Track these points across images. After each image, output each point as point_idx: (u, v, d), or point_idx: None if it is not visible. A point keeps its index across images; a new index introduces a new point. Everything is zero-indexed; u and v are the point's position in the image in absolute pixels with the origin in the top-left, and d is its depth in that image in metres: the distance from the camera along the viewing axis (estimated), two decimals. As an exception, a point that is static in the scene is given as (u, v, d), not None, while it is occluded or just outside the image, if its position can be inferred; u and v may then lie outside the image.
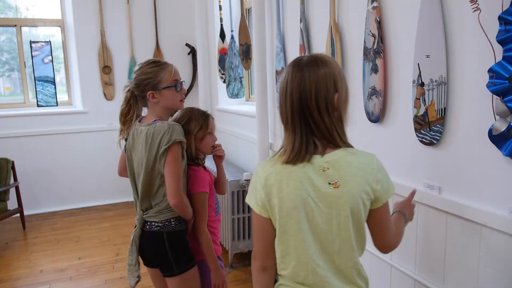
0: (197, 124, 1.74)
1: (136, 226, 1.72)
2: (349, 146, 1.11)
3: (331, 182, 1.04)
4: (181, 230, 1.70)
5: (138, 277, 1.72)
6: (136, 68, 1.71)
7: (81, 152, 4.68)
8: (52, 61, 4.56)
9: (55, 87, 4.57)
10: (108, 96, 4.72)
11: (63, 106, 4.75)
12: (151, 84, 1.65)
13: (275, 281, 1.19)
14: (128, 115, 1.71)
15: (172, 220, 1.67)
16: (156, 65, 1.68)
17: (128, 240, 3.74)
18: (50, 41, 4.56)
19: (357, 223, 1.08)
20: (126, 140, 1.76)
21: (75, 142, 4.67)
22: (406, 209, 1.35)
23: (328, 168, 1.05)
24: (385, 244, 1.17)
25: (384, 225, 1.13)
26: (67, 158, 4.63)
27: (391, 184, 1.12)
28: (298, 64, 1.08)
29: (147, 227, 1.69)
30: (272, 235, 1.13)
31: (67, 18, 4.63)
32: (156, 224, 1.67)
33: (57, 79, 4.71)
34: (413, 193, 1.44)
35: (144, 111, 1.77)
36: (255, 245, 1.17)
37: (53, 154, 4.59)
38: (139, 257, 1.74)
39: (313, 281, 1.10)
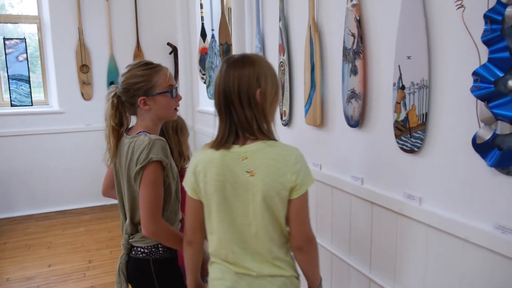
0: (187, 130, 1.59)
1: (122, 252, 1.54)
2: (271, 139, 1.19)
3: (248, 170, 1.15)
4: (170, 257, 1.50)
5: None
6: (125, 70, 1.48)
7: (58, 153, 4.50)
8: (27, 59, 4.38)
9: (30, 86, 4.40)
10: (86, 96, 4.55)
11: (39, 105, 4.57)
12: (144, 89, 1.44)
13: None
14: (122, 126, 1.48)
15: (159, 246, 1.48)
16: (149, 67, 1.47)
17: (103, 246, 3.61)
18: (25, 38, 4.39)
19: (271, 210, 1.16)
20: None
21: (51, 143, 4.49)
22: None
23: (246, 158, 1.15)
24: (303, 235, 1.21)
25: (302, 215, 1.20)
26: (43, 160, 4.45)
27: (309, 176, 1.18)
28: (227, 62, 1.20)
29: (133, 253, 1.50)
30: (201, 215, 1.26)
31: (44, 15, 4.45)
32: (142, 250, 1.48)
33: (37, 79, 4.54)
34: None
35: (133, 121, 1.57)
36: (186, 222, 1.32)
37: (28, 156, 4.41)
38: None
39: (233, 260, 1.22)
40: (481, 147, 1.18)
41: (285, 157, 1.16)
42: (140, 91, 1.44)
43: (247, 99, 1.15)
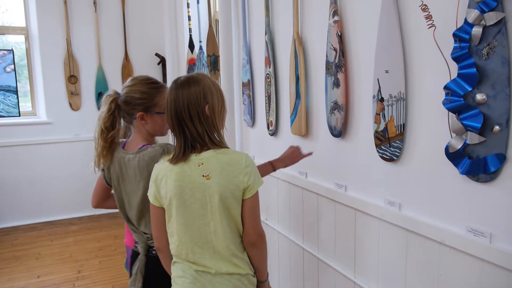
0: None
1: (131, 252, 1.62)
2: (223, 147, 1.33)
3: (204, 175, 1.28)
4: None
5: None
6: (130, 83, 1.54)
7: (45, 164, 4.50)
8: (15, 70, 4.39)
9: (17, 97, 4.40)
10: (74, 106, 4.57)
11: (26, 116, 4.57)
12: (144, 106, 1.50)
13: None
14: (113, 130, 1.51)
15: None
16: (154, 86, 1.54)
17: (92, 256, 3.61)
18: (12, 49, 4.40)
19: (227, 209, 1.29)
20: (103, 170, 1.58)
21: (39, 153, 4.48)
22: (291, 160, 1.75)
23: (202, 164, 1.29)
24: (256, 231, 1.34)
25: (255, 213, 1.33)
26: (30, 170, 4.44)
27: (259, 178, 1.34)
28: (175, 83, 1.33)
29: (154, 252, 1.53)
30: (163, 221, 1.37)
31: (32, 26, 4.47)
32: None
33: (24, 88, 4.54)
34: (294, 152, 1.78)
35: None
36: (152, 231, 1.42)
37: (15, 167, 4.40)
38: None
39: (193, 259, 1.32)
40: (453, 156, 1.27)
41: (237, 161, 1.29)
42: (140, 106, 1.50)
43: (197, 115, 1.28)
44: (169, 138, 1.51)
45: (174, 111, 1.30)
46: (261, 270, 1.41)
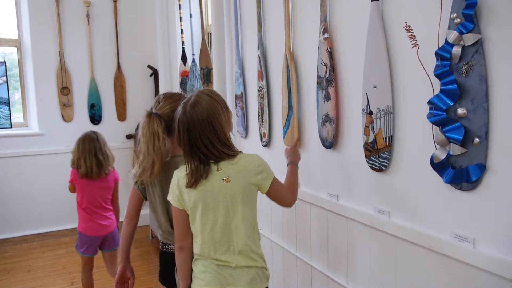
0: None
1: (163, 253, 1.80)
2: (235, 153, 1.45)
3: (224, 178, 1.42)
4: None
5: None
6: (167, 101, 1.64)
7: (37, 175, 4.49)
8: (7, 81, 4.40)
9: (9, 109, 4.41)
10: (66, 118, 4.59)
11: (18, 128, 4.57)
12: None
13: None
14: (170, 135, 1.63)
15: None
16: (179, 98, 1.67)
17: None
18: (5, 61, 4.42)
19: (245, 206, 1.45)
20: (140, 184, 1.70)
21: (31, 165, 4.48)
22: (294, 157, 1.77)
23: (221, 168, 1.43)
24: (287, 202, 1.59)
25: (280, 194, 1.55)
26: (22, 182, 4.43)
27: (270, 171, 1.50)
28: (186, 104, 1.44)
29: (166, 248, 1.75)
30: (186, 222, 1.50)
31: (24, 38, 4.51)
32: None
33: (16, 98, 4.55)
34: (296, 142, 1.90)
35: None
36: (175, 230, 1.53)
37: (6, 178, 4.39)
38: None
39: (215, 256, 1.46)
40: (438, 166, 1.35)
41: (250, 163, 1.45)
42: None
43: (210, 141, 1.40)
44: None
45: (188, 139, 1.41)
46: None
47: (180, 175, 1.47)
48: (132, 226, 1.83)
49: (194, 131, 1.40)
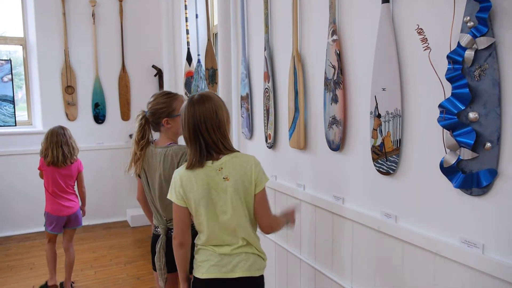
0: None
1: (153, 236, 1.99)
2: (234, 151, 1.56)
3: (224, 177, 1.52)
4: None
5: (166, 278, 1.94)
6: (151, 99, 1.94)
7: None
8: (12, 80, 4.41)
9: (14, 107, 4.41)
10: (71, 117, 4.60)
11: (22, 126, 4.58)
12: (166, 112, 1.89)
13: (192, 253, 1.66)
14: (142, 140, 1.90)
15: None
16: (170, 96, 1.93)
17: (87, 267, 3.61)
18: (10, 60, 4.42)
19: (244, 202, 1.55)
20: (139, 176, 1.95)
21: (34, 163, 4.45)
22: (287, 217, 1.78)
23: (222, 168, 1.53)
24: (267, 222, 1.62)
25: (265, 206, 1.60)
26: (25, 180, 4.44)
27: (265, 175, 1.59)
28: (191, 101, 1.55)
29: (171, 234, 1.86)
30: (187, 219, 1.60)
31: (30, 37, 4.52)
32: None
33: (19, 96, 4.55)
34: (293, 210, 1.85)
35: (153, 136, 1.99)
36: (175, 228, 1.62)
37: (10, 176, 4.40)
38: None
39: (217, 246, 1.58)
40: (448, 171, 1.34)
41: (247, 162, 1.55)
42: (164, 114, 1.89)
43: (211, 127, 1.52)
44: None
45: (192, 124, 1.53)
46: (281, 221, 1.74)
47: (181, 173, 1.56)
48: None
49: (199, 116, 1.50)
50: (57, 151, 2.97)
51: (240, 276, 1.56)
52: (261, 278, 1.63)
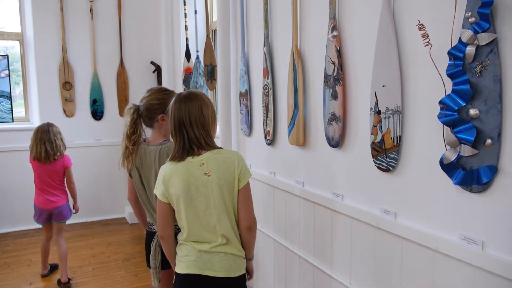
0: None
1: (147, 233, 1.98)
2: (216, 148, 1.59)
3: (205, 173, 1.54)
4: None
5: (159, 278, 1.93)
6: (147, 94, 1.92)
7: (38, 170, 4.47)
8: (9, 75, 4.39)
9: (11, 103, 4.39)
10: (68, 113, 4.58)
11: (20, 122, 4.56)
12: (162, 109, 1.88)
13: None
14: (134, 134, 1.86)
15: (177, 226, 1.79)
16: (167, 93, 1.94)
17: (85, 263, 3.60)
18: (7, 55, 4.40)
19: (226, 198, 1.57)
20: (130, 175, 1.93)
21: (31, 159, 4.46)
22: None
23: (203, 164, 1.55)
24: (248, 216, 1.62)
25: (247, 201, 1.62)
26: (22, 176, 4.41)
27: (248, 171, 1.61)
28: (179, 97, 1.60)
29: None
30: (169, 214, 1.63)
31: (27, 32, 4.49)
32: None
33: (16, 92, 4.53)
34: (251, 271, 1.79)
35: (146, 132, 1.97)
36: (158, 222, 1.66)
37: (7, 172, 4.38)
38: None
39: (196, 242, 1.60)
40: (448, 167, 1.33)
41: (230, 158, 1.58)
42: (159, 110, 1.88)
43: (195, 122, 1.55)
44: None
45: (178, 119, 1.56)
46: (250, 250, 1.70)
47: (165, 169, 1.59)
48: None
49: (184, 111, 1.54)
50: (41, 147, 3.05)
51: (221, 276, 1.58)
52: (241, 277, 1.64)
